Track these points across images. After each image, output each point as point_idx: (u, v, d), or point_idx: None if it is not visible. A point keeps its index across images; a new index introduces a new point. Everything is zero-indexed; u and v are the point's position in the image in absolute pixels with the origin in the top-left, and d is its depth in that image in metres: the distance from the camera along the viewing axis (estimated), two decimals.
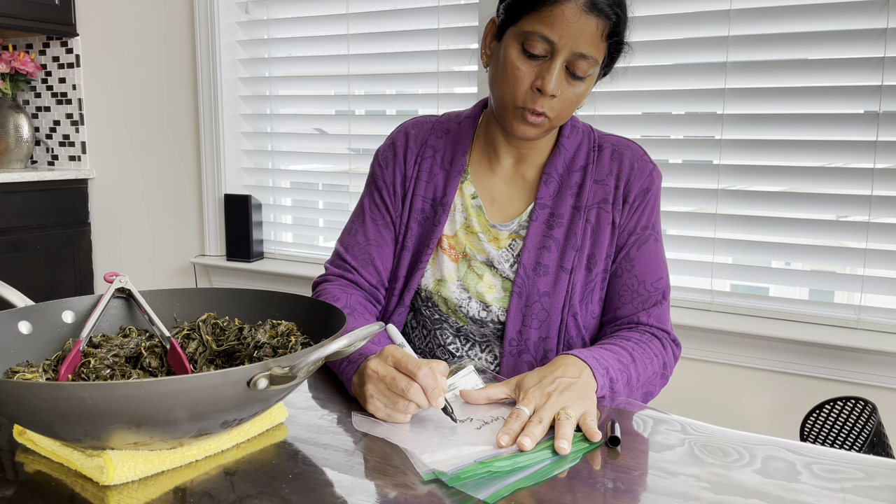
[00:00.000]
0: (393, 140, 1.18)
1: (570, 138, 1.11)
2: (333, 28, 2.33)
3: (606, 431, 0.80)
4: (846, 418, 1.59)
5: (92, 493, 0.67)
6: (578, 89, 1.00)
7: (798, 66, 1.71)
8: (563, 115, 1.03)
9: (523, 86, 0.99)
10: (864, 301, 1.72)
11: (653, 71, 1.87)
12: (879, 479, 0.71)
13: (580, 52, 0.96)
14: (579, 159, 1.11)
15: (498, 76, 1.02)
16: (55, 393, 0.62)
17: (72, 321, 0.88)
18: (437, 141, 1.15)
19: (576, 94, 1.00)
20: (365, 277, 1.14)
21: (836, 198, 1.72)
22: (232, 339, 0.87)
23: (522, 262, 1.08)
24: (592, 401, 0.86)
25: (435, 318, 1.15)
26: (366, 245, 1.15)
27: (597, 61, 0.99)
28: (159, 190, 2.69)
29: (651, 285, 1.09)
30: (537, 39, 0.96)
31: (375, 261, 1.14)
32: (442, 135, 1.16)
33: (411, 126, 1.18)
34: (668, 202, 1.88)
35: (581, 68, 0.98)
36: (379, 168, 1.17)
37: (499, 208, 1.13)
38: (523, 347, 1.08)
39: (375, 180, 1.17)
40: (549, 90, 0.97)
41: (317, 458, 0.74)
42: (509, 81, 0.99)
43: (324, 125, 2.48)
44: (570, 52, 0.96)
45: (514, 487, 0.68)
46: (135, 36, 2.64)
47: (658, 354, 1.05)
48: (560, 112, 1.01)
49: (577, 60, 0.97)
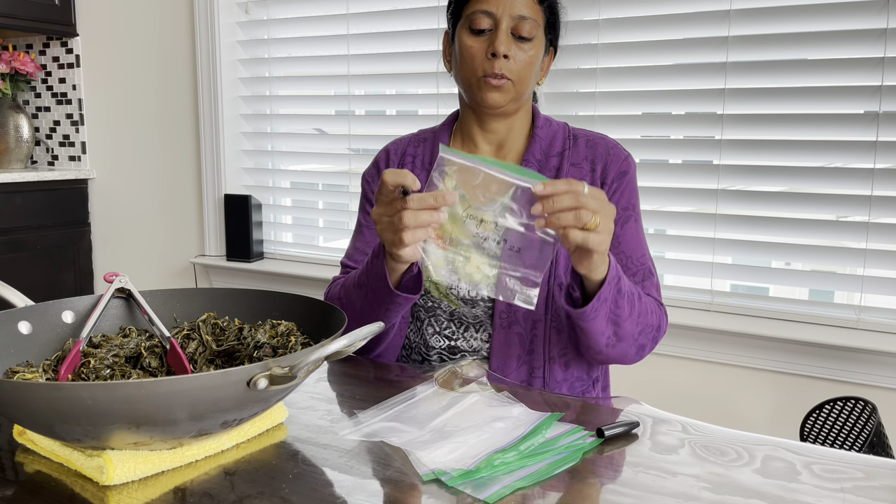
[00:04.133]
0: (376, 160, 1.28)
1: (543, 129, 1.19)
2: (333, 28, 2.33)
3: None
4: (846, 418, 1.59)
5: (92, 493, 0.67)
6: (529, 51, 1.11)
7: (798, 66, 1.71)
8: (523, 78, 1.11)
9: (479, 57, 1.10)
10: (864, 301, 1.72)
11: (653, 71, 1.87)
12: (879, 479, 0.71)
13: (519, 14, 1.09)
14: (556, 146, 1.18)
15: (458, 63, 1.14)
16: (55, 393, 0.62)
17: (72, 321, 0.88)
18: (416, 149, 1.25)
19: (528, 56, 1.10)
20: None
21: (836, 198, 1.71)
22: (232, 339, 0.87)
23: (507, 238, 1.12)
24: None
25: (428, 306, 1.17)
26: (365, 248, 1.22)
27: (537, 22, 1.11)
28: (159, 190, 2.69)
29: (637, 260, 1.14)
30: (480, 16, 1.09)
31: None
32: (419, 143, 1.25)
33: (391, 144, 1.28)
34: (668, 202, 1.88)
35: (525, 29, 1.09)
36: (367, 184, 1.26)
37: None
38: (513, 319, 1.12)
39: (366, 194, 1.26)
40: (501, 50, 1.08)
41: (317, 458, 0.74)
42: (467, 59, 1.11)
43: (324, 125, 2.48)
44: (510, 17, 1.09)
45: (514, 487, 0.68)
46: (135, 36, 2.64)
47: (654, 312, 1.09)
48: (518, 74, 1.10)
49: (519, 23, 1.09)
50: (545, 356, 1.12)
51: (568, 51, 1.95)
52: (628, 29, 1.88)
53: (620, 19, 1.88)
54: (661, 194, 1.88)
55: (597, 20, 1.90)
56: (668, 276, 2.00)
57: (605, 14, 1.89)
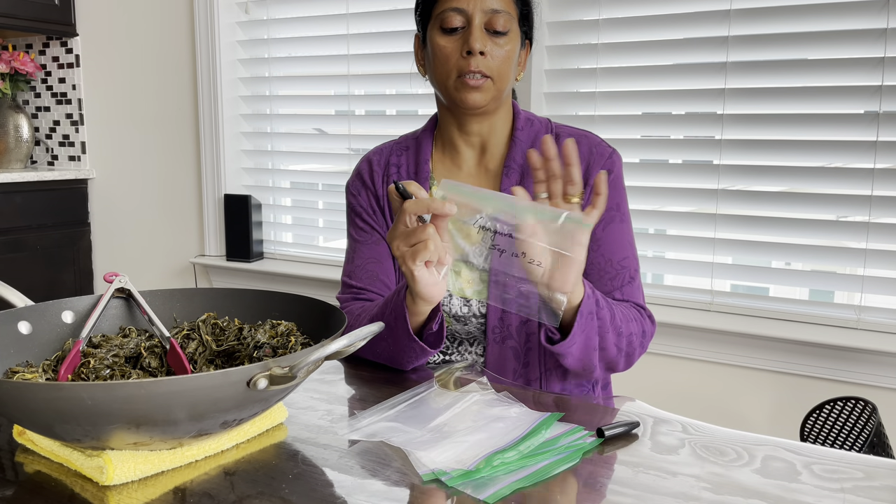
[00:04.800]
0: (359, 170, 1.24)
1: (524, 131, 1.16)
2: (333, 28, 2.33)
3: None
4: (846, 418, 1.59)
5: (92, 494, 0.67)
6: (505, 46, 1.07)
7: (798, 66, 1.71)
8: (501, 74, 1.08)
9: (454, 56, 1.07)
10: (864, 301, 1.72)
11: (653, 71, 1.87)
12: (879, 479, 0.71)
13: (491, 7, 1.05)
14: (537, 149, 1.14)
15: (432, 65, 1.10)
16: (55, 393, 0.62)
17: (72, 321, 0.88)
18: (399, 158, 1.21)
19: (505, 51, 1.07)
20: (375, 293, 1.17)
21: (836, 198, 1.71)
22: (232, 339, 0.87)
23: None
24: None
25: None
26: (365, 264, 1.18)
27: (511, 15, 1.07)
28: (159, 190, 2.69)
29: (618, 263, 1.11)
30: (450, 14, 1.06)
31: (380, 275, 1.17)
32: (402, 152, 1.22)
33: (372, 154, 1.24)
34: (668, 202, 1.88)
35: (499, 23, 1.06)
36: (353, 197, 1.23)
37: None
38: (507, 333, 1.11)
39: (353, 208, 1.23)
40: (476, 47, 1.04)
41: (317, 458, 0.74)
42: (441, 60, 1.08)
43: (324, 125, 2.48)
44: (482, 13, 1.05)
45: (514, 487, 0.68)
46: (135, 36, 2.64)
47: (636, 319, 1.08)
48: (497, 71, 1.07)
49: (492, 17, 1.05)
50: (541, 368, 1.11)
51: (568, 51, 1.95)
52: (628, 29, 1.88)
53: (620, 19, 1.88)
54: (661, 194, 1.88)
55: (597, 20, 1.90)
56: (668, 276, 2.01)
57: (605, 14, 1.89)
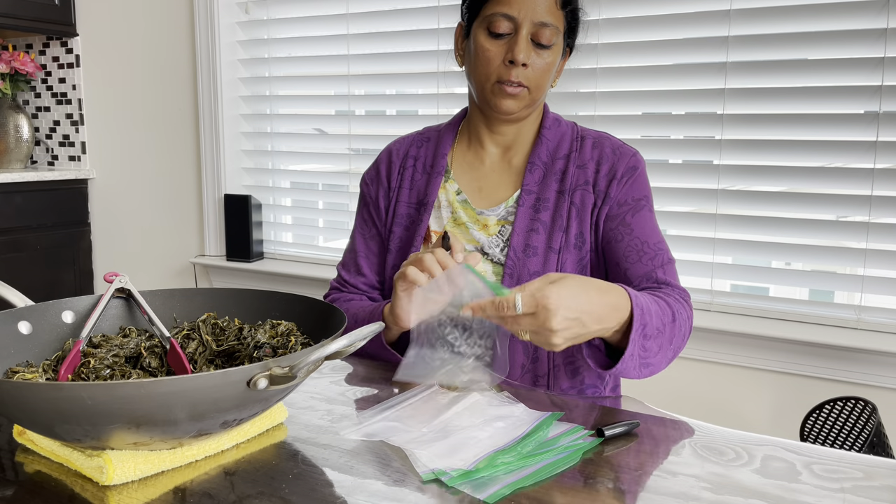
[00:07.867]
0: (377, 161, 1.28)
1: (551, 129, 1.18)
2: (333, 28, 2.33)
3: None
4: (846, 418, 1.59)
5: (92, 493, 0.67)
6: (547, 58, 1.09)
7: (798, 66, 1.71)
8: (539, 86, 1.10)
9: (496, 62, 1.08)
10: (864, 301, 1.72)
11: (653, 71, 1.87)
12: (879, 479, 0.71)
13: (540, 20, 1.06)
14: (563, 148, 1.17)
15: (472, 63, 1.12)
16: (55, 393, 0.62)
17: (72, 321, 0.88)
18: (418, 150, 1.24)
19: (546, 63, 1.09)
20: (357, 286, 1.26)
21: (836, 198, 1.71)
22: (232, 339, 0.87)
23: (512, 245, 1.12)
24: (592, 309, 0.86)
25: None
26: (354, 257, 1.26)
27: (558, 29, 1.08)
28: (159, 190, 2.69)
29: (655, 245, 1.12)
30: (500, 19, 1.06)
31: (363, 269, 1.25)
32: (422, 143, 1.25)
33: (394, 144, 1.28)
34: (668, 202, 1.88)
35: (545, 36, 1.06)
36: (365, 186, 1.27)
37: (486, 195, 1.19)
38: None
39: (363, 197, 1.28)
40: (520, 59, 1.05)
41: (317, 458, 0.74)
42: (482, 62, 1.09)
43: (324, 125, 2.48)
44: (531, 24, 1.06)
45: (514, 487, 0.68)
46: (135, 36, 2.64)
47: (685, 316, 1.05)
48: (535, 82, 1.09)
49: (539, 30, 1.06)
50: (549, 364, 1.11)
51: None
52: (628, 29, 1.88)
53: (620, 19, 1.88)
54: (661, 194, 1.88)
55: (597, 20, 1.90)
56: None
57: (605, 14, 1.89)
